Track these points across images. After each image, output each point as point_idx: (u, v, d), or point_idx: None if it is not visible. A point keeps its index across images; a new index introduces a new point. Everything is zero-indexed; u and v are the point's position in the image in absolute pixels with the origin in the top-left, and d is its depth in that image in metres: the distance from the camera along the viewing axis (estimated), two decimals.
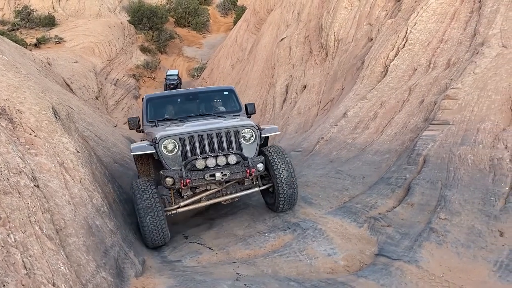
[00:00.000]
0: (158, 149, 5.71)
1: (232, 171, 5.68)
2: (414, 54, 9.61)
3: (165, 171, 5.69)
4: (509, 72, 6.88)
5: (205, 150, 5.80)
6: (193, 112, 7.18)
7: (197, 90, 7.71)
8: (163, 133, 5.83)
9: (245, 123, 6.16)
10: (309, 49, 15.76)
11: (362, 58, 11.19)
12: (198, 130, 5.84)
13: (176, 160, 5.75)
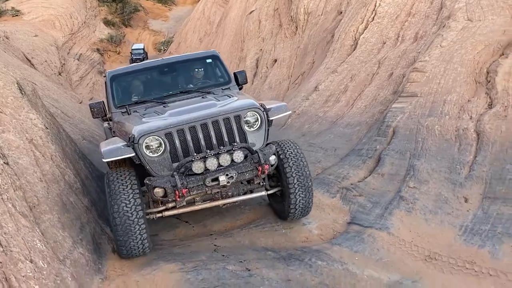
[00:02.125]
0: (139, 151, 4.34)
1: (240, 171, 4.42)
2: (383, 28, 9.74)
3: (152, 179, 4.37)
4: (474, 45, 7.09)
5: (200, 146, 4.49)
6: (171, 89, 5.68)
7: (173, 60, 6.04)
8: (141, 128, 4.47)
9: (246, 102, 4.83)
10: (279, 22, 15.68)
11: (332, 31, 11.25)
12: (188, 119, 4.50)
13: (164, 163, 4.44)
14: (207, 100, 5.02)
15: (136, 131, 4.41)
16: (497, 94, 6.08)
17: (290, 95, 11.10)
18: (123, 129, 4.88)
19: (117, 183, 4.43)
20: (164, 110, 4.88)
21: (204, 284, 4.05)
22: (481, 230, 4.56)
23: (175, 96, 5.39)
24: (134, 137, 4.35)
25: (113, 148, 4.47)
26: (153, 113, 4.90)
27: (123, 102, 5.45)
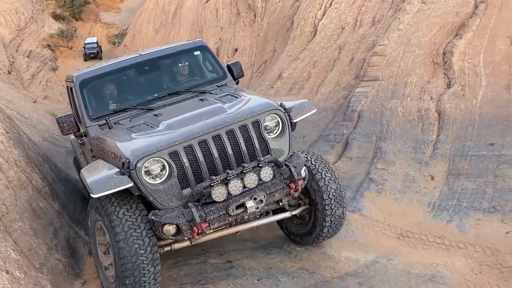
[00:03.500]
0: (138, 179, 3.39)
1: (269, 192, 3.61)
2: (341, 13, 9.89)
3: (159, 214, 3.42)
4: (429, 27, 7.34)
5: (215, 165, 3.58)
6: (156, 91, 4.66)
7: (153, 55, 4.90)
8: (137, 147, 3.50)
9: (262, 102, 3.97)
10: (237, 11, 15.60)
11: (291, 18, 11.32)
12: (196, 131, 3.56)
13: (172, 190, 3.48)
14: (210, 103, 4.09)
15: (130, 153, 3.44)
16: (454, 74, 6.35)
17: (254, 84, 11.13)
18: (107, 149, 3.87)
19: (122, 216, 3.46)
20: (157, 120, 3.91)
21: (187, 279, 4.07)
22: (448, 205, 4.80)
23: (162, 100, 4.44)
24: (130, 161, 3.37)
25: (102, 178, 3.47)
26: (143, 125, 3.93)
27: (99, 112, 4.39)
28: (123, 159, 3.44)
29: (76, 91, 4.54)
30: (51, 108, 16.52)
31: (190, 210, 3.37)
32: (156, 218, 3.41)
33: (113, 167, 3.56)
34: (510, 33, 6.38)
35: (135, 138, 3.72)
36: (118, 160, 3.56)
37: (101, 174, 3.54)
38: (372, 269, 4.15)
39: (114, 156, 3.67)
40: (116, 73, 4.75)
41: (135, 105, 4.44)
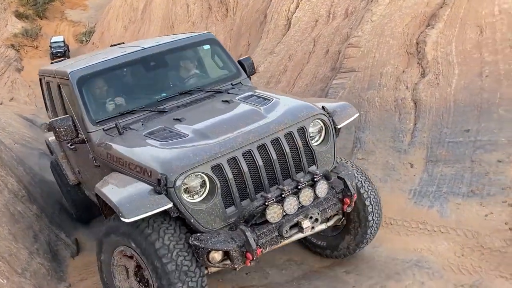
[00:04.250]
0: (177, 199, 2.92)
1: (322, 208, 3.28)
2: (314, 6, 9.93)
3: (203, 239, 2.98)
4: (402, 18, 7.46)
5: (260, 179, 3.21)
6: (164, 90, 4.19)
7: (159, 48, 4.34)
8: (174, 160, 3.02)
9: (303, 105, 3.58)
10: (208, 5, 15.47)
11: (264, 12, 11.30)
12: (240, 141, 3.16)
13: (216, 210, 3.06)
14: (240, 106, 3.66)
15: (166, 168, 2.93)
16: (428, 63, 6.48)
17: None
18: (126, 161, 3.30)
19: (168, 242, 2.96)
20: (183, 127, 3.43)
21: None
22: (428, 192, 4.91)
23: (173, 100, 3.99)
24: (167, 177, 2.88)
25: (133, 198, 2.91)
26: (167, 132, 3.42)
27: (103, 114, 3.86)
28: (157, 175, 2.92)
29: (73, 90, 3.92)
30: (19, 110, 16.05)
31: (241, 233, 2.96)
32: (201, 244, 2.92)
33: (142, 184, 3.04)
34: (480, 22, 6.54)
35: (164, 148, 3.18)
36: (147, 175, 3.03)
37: (130, 193, 2.97)
38: (359, 258, 4.21)
39: (141, 170, 3.11)
40: (119, 68, 4.20)
41: (143, 106, 3.92)
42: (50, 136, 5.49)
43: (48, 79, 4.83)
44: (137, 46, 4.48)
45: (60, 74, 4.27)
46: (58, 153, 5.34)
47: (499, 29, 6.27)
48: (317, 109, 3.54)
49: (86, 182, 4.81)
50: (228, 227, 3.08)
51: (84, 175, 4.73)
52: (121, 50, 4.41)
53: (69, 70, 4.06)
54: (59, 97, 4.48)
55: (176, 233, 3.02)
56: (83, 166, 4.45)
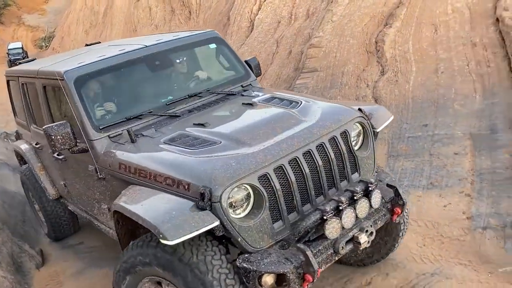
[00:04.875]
0: (223, 215, 2.51)
1: (373, 220, 3.01)
2: (276, 7, 10.06)
3: (253, 260, 2.56)
4: (361, 18, 7.66)
5: (307, 190, 2.90)
6: (171, 93, 3.85)
7: (163, 47, 3.96)
8: (216, 171, 2.61)
9: (342, 108, 3.34)
10: (171, 8, 15.37)
11: (227, 14, 11.35)
12: (285, 147, 2.84)
13: (264, 226, 2.68)
14: (268, 109, 3.37)
15: (209, 179, 2.55)
16: (387, 62, 6.69)
17: None
18: (151, 172, 2.86)
19: (211, 267, 2.52)
20: (210, 133, 3.09)
21: None
22: None
23: (183, 104, 3.65)
24: (211, 190, 2.49)
25: (175, 215, 2.47)
26: (188, 139, 3.06)
27: (107, 120, 3.44)
28: (197, 188, 2.53)
29: (70, 92, 3.43)
30: None
31: (297, 252, 2.60)
32: (251, 266, 2.50)
33: (178, 199, 2.63)
34: (434, 20, 6.81)
35: (199, 157, 2.78)
36: (183, 188, 2.63)
37: (167, 210, 2.53)
38: None
39: (173, 183, 2.69)
40: (121, 68, 3.74)
41: (150, 110, 3.55)
42: (22, 144, 5.00)
43: (25, 81, 4.39)
44: (137, 44, 4.04)
45: (49, 74, 3.78)
46: (34, 164, 4.77)
47: (452, 27, 6.54)
48: (356, 111, 3.30)
49: (75, 197, 4.29)
50: (278, 245, 2.70)
51: (74, 188, 4.18)
52: (119, 48, 4.00)
53: (63, 69, 3.55)
54: (44, 100, 4.03)
55: (217, 255, 2.58)
56: (75, 178, 4.01)
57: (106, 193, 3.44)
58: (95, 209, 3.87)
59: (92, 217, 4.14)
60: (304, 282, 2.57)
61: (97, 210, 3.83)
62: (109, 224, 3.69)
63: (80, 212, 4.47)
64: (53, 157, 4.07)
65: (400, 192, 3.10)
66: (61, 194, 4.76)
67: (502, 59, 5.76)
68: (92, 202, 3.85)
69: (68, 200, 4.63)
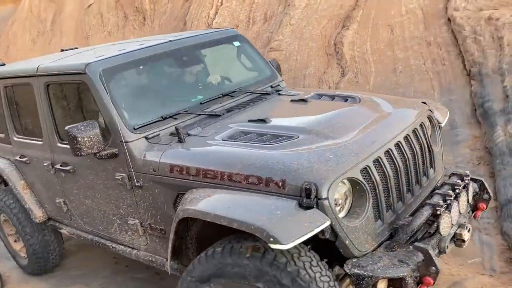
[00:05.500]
0: (332, 213, 2.26)
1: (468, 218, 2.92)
2: (233, 11, 10.02)
3: (364, 265, 2.30)
4: (319, 20, 7.77)
5: (399, 183, 2.71)
6: (200, 91, 3.66)
7: (190, 42, 3.73)
8: (317, 165, 2.36)
9: (409, 101, 3.39)
10: (124, 14, 15.01)
11: (183, 19, 11.20)
12: (376, 139, 2.66)
13: (368, 227, 2.44)
14: (329, 104, 3.26)
15: (312, 174, 2.29)
16: (347, 63, 6.81)
17: None
18: (214, 171, 2.58)
19: (313, 275, 2.22)
20: (277, 127, 2.91)
21: None
22: None
23: (217, 103, 3.43)
24: (317, 186, 2.22)
25: (281, 216, 2.18)
26: (252, 135, 2.84)
27: (142, 119, 3.10)
28: (299, 184, 2.26)
29: (95, 87, 3.05)
30: None
31: (413, 253, 2.35)
32: (366, 272, 2.24)
33: (270, 198, 2.34)
34: (390, 21, 7.00)
35: (286, 152, 2.51)
36: (276, 186, 2.33)
37: (270, 211, 2.22)
38: None
39: (259, 181, 2.40)
40: (148, 62, 3.42)
41: (186, 109, 3.27)
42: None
43: (11, 83, 3.93)
44: (159, 39, 3.76)
45: (59, 70, 3.38)
46: (16, 181, 4.21)
47: (407, 28, 6.75)
48: (424, 104, 3.22)
49: (80, 216, 3.81)
50: (382, 247, 2.47)
51: (81, 205, 3.71)
52: (139, 43, 3.69)
53: (84, 62, 3.16)
54: (45, 103, 3.58)
55: (314, 262, 2.29)
56: (86, 192, 3.54)
57: (140, 205, 3.07)
58: (114, 227, 3.45)
59: (104, 238, 3.66)
60: (421, 285, 2.35)
61: (117, 228, 3.41)
62: (134, 243, 3.33)
63: (82, 234, 3.91)
64: (51, 170, 3.70)
65: (486, 185, 2.97)
66: (50, 216, 4.23)
67: (456, 57, 6.00)
68: (110, 219, 3.43)
69: (64, 221, 4.10)
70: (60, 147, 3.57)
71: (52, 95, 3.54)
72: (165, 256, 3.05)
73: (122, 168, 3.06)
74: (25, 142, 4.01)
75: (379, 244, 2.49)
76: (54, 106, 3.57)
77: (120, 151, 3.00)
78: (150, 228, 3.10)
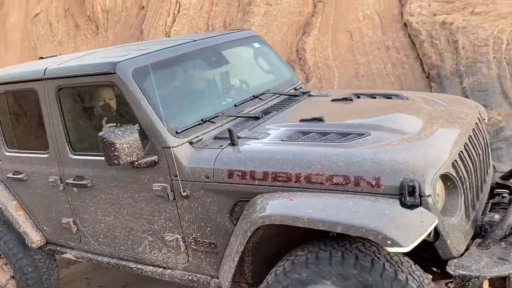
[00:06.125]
0: (435, 211, 2.14)
1: None
2: (191, 19, 9.94)
3: (467, 265, 2.19)
4: (279, 27, 7.85)
5: (476, 179, 2.62)
6: (231, 93, 3.58)
7: (213, 42, 3.57)
8: (413, 160, 2.24)
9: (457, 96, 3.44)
10: (74, 23, 14.52)
11: (139, 27, 10.99)
12: (450, 132, 2.60)
13: (462, 224, 2.37)
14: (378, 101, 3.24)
15: (410, 170, 2.16)
16: (310, 69, 6.92)
17: None
18: (285, 173, 2.39)
19: (420, 283, 2.10)
20: (340, 125, 2.78)
21: None
22: None
23: (250, 105, 3.28)
24: (419, 182, 2.10)
25: (393, 217, 2.05)
26: (314, 134, 2.68)
27: (182, 122, 2.89)
28: (397, 182, 2.13)
29: (129, 88, 2.78)
30: None
31: (511, 250, 2.26)
32: (472, 273, 2.12)
33: (363, 198, 2.19)
34: (349, 27, 7.18)
35: (369, 148, 2.38)
36: (369, 185, 2.19)
37: (379, 212, 2.08)
38: None
39: (346, 181, 2.25)
40: (178, 62, 3.20)
41: (222, 111, 3.11)
42: None
43: (8, 89, 3.58)
44: (181, 39, 3.58)
45: (79, 71, 3.05)
46: (7, 202, 3.78)
47: (366, 33, 6.95)
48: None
49: (96, 236, 3.44)
50: (474, 246, 2.36)
51: (98, 224, 3.36)
52: (159, 44, 3.47)
53: (113, 61, 2.90)
54: (55, 109, 3.23)
55: (413, 267, 2.17)
56: (108, 208, 3.22)
57: (184, 217, 2.80)
58: (142, 245, 3.13)
59: (126, 259, 3.32)
60: None
61: (148, 247, 3.11)
62: (170, 261, 3.02)
63: (94, 257, 3.56)
64: (59, 186, 3.36)
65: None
66: (49, 239, 3.82)
67: (414, 60, 6.24)
68: (139, 237, 3.11)
69: (70, 244, 3.68)
70: (74, 159, 3.23)
71: (64, 101, 3.20)
72: (210, 273, 2.85)
73: (162, 177, 2.80)
74: (21, 157, 3.63)
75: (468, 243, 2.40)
76: (66, 113, 3.23)
77: (160, 158, 2.75)
78: (195, 243, 2.83)
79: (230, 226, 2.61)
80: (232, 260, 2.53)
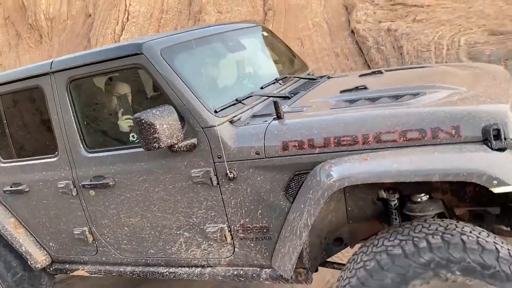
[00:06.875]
0: None
1: None
2: (141, 27, 9.80)
3: None
4: None
5: None
6: (252, 76, 3.48)
7: (228, 28, 3.53)
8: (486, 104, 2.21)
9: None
10: (15, 32, 13.89)
11: (87, 35, 10.70)
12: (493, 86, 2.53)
13: None
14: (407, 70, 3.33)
15: (491, 115, 2.09)
16: None
17: None
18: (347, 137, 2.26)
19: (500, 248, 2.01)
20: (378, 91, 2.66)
21: None
22: None
23: (274, 87, 3.17)
24: (503, 126, 2.04)
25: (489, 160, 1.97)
26: (361, 101, 2.57)
27: (219, 101, 2.70)
28: (481, 126, 2.05)
29: (160, 67, 2.61)
30: None
31: None
32: None
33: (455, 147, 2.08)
34: (299, 35, 7.36)
35: (437, 102, 2.30)
36: (449, 135, 2.11)
37: (471, 156, 2.00)
38: None
39: (422, 134, 2.14)
40: (204, 43, 3.06)
41: (251, 92, 2.93)
42: None
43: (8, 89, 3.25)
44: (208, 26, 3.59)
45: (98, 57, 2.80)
46: (4, 220, 3.39)
47: (316, 40, 7.15)
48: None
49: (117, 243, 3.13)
50: None
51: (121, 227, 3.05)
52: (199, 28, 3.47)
53: (143, 41, 2.71)
54: (66, 103, 2.96)
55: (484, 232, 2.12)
56: (134, 207, 2.93)
57: (230, 203, 2.60)
58: (177, 244, 2.88)
59: (156, 265, 3.05)
60: None
61: (183, 245, 2.86)
62: (210, 258, 2.80)
63: (114, 269, 3.22)
64: (72, 191, 3.06)
65: None
66: (55, 258, 3.45)
67: (363, 66, 6.49)
68: (173, 235, 2.86)
69: (83, 258, 3.34)
70: (90, 158, 2.96)
71: (76, 94, 2.96)
72: (260, 263, 2.64)
73: (204, 161, 2.59)
74: (21, 166, 3.30)
75: None
76: (78, 108, 2.98)
77: (201, 140, 2.55)
78: (243, 230, 2.62)
79: (285, 204, 2.45)
80: (298, 237, 2.31)
